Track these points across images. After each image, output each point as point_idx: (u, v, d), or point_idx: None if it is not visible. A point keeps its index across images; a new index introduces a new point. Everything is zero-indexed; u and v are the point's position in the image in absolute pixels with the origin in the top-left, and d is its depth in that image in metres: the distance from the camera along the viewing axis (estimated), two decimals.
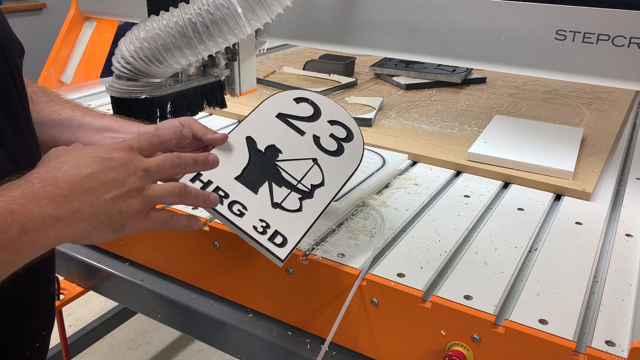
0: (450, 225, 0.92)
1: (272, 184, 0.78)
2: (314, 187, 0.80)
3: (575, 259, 0.83)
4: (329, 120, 0.87)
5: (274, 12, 1.01)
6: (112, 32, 1.74)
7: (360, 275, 0.77)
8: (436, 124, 1.39)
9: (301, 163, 0.81)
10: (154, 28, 0.97)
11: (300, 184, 0.79)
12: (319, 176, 0.81)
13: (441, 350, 0.73)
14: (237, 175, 0.77)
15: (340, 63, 1.82)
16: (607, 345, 0.66)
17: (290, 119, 0.85)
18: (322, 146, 0.84)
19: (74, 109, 0.86)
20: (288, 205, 0.77)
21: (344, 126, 0.87)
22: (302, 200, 0.78)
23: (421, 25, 1.11)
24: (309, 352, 0.83)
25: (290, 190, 0.78)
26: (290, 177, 0.79)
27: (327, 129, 0.86)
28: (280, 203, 0.77)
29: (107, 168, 0.59)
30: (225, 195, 0.75)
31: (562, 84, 1.77)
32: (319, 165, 0.82)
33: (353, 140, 0.86)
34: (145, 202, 0.63)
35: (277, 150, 0.81)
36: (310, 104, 0.88)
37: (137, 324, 2.37)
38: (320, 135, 0.85)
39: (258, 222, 0.74)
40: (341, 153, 0.84)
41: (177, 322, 1.01)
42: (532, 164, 1.09)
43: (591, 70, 0.99)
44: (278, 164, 0.80)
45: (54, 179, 0.56)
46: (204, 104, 1.15)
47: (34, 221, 0.53)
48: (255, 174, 0.78)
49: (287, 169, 0.80)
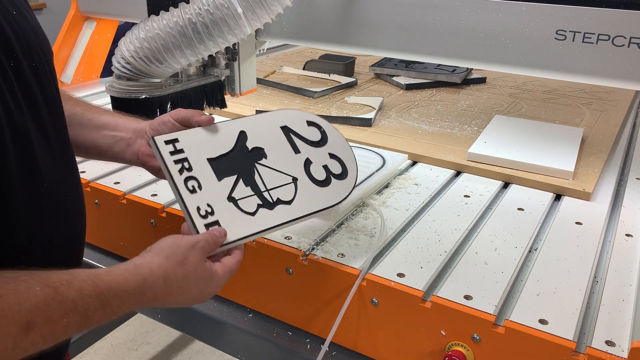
0: (450, 225, 0.92)
1: (239, 179, 0.76)
2: (280, 201, 0.77)
3: (575, 259, 0.83)
4: (330, 152, 0.85)
5: (274, 12, 1.01)
6: (112, 32, 1.74)
7: (360, 275, 0.77)
8: (436, 124, 1.39)
9: (280, 176, 0.79)
10: (154, 28, 0.97)
11: (268, 192, 0.77)
12: (291, 195, 0.78)
13: (441, 350, 0.73)
14: (211, 158, 0.76)
15: (340, 63, 1.82)
16: (607, 345, 0.66)
17: (293, 135, 0.84)
18: (310, 171, 0.82)
19: (76, 105, 0.86)
20: (243, 205, 0.75)
21: (342, 164, 0.84)
22: (260, 207, 0.75)
23: (421, 25, 1.10)
24: (309, 352, 0.83)
25: (254, 193, 0.76)
26: (261, 182, 0.78)
27: (324, 159, 0.84)
28: (237, 200, 0.75)
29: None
30: (189, 168, 0.74)
31: (562, 84, 1.77)
32: (296, 185, 0.79)
33: (345, 180, 0.83)
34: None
35: (264, 154, 0.80)
36: (320, 132, 0.86)
37: (137, 324, 2.37)
38: (314, 161, 0.83)
39: (205, 206, 0.72)
40: (326, 185, 0.81)
41: (177, 322, 1.01)
42: (532, 164, 1.09)
43: (591, 70, 0.99)
44: (257, 165, 0.79)
45: (162, 302, 0.65)
46: (204, 104, 1.15)
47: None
48: (228, 164, 0.77)
49: (263, 174, 0.78)
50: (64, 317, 0.53)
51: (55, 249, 0.69)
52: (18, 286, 0.51)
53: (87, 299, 0.55)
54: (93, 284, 0.56)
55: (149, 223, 0.99)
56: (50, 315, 0.52)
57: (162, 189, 1.04)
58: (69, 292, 0.54)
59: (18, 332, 0.49)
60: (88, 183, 1.06)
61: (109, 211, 1.05)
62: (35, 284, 0.52)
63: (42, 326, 0.51)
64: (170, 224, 0.96)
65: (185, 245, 0.66)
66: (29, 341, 0.50)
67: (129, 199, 1.01)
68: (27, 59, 0.63)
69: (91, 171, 1.11)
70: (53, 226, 0.68)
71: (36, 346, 0.51)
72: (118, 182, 1.06)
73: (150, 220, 0.98)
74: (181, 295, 0.65)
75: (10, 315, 0.49)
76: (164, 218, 0.97)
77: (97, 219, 1.06)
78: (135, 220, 1.01)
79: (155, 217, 0.98)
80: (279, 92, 1.67)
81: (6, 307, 0.49)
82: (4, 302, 0.49)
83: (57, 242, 0.69)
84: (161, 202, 0.99)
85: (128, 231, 1.04)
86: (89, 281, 0.56)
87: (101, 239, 1.09)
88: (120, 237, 1.06)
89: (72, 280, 0.55)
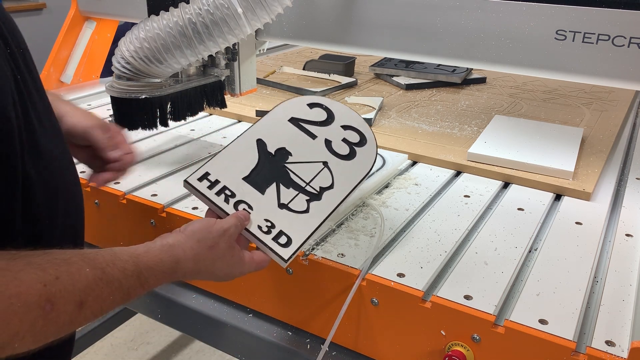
0: (450, 225, 0.92)
1: (279, 185, 0.78)
2: (323, 189, 0.80)
3: (575, 259, 0.83)
4: (342, 125, 0.87)
5: (274, 12, 1.01)
6: (112, 32, 1.74)
7: (360, 275, 0.77)
8: (436, 124, 1.39)
9: (311, 166, 0.81)
10: (154, 28, 0.97)
11: (309, 186, 0.79)
12: (329, 179, 0.81)
13: (441, 350, 0.73)
14: (245, 176, 0.78)
15: (340, 63, 1.81)
16: (607, 345, 0.66)
17: (303, 123, 0.85)
18: (334, 150, 0.84)
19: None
20: (295, 207, 0.77)
21: (357, 131, 0.87)
22: (309, 202, 0.78)
23: (421, 25, 1.10)
24: (309, 352, 0.84)
25: (298, 191, 0.79)
26: (299, 179, 0.80)
27: (340, 133, 0.86)
28: (287, 204, 0.77)
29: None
30: (232, 194, 0.76)
31: (562, 84, 1.77)
32: (329, 168, 0.82)
33: (366, 145, 0.85)
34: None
35: (287, 152, 0.82)
36: (324, 109, 0.88)
37: (137, 324, 2.37)
38: (332, 139, 0.85)
39: (263, 222, 0.75)
40: (353, 157, 0.84)
41: (177, 322, 1.01)
42: (532, 164, 1.09)
43: (591, 70, 0.98)
44: (287, 166, 0.81)
45: (190, 278, 0.71)
46: (204, 104, 1.15)
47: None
48: (263, 175, 0.79)
49: (297, 171, 0.80)
50: (110, 295, 0.59)
51: (67, 229, 0.74)
52: (70, 268, 0.56)
53: (129, 279, 0.62)
54: (134, 264, 0.63)
55: (149, 223, 0.99)
56: (99, 294, 0.57)
57: (162, 189, 1.04)
58: (114, 272, 0.60)
59: (73, 310, 0.55)
60: (88, 183, 1.06)
61: (109, 211, 1.05)
62: (85, 266, 0.57)
63: (93, 303, 0.57)
64: (170, 224, 0.96)
65: (217, 230, 0.71)
66: (82, 317, 0.56)
67: (129, 199, 1.01)
68: (16, 45, 0.66)
69: (91, 171, 1.11)
70: (64, 207, 0.72)
71: (87, 320, 0.57)
72: (118, 182, 1.06)
73: (150, 220, 0.98)
74: (207, 275, 0.72)
75: (67, 296, 0.54)
76: (164, 218, 0.97)
77: (97, 219, 1.06)
78: (135, 220, 1.01)
79: (155, 217, 0.98)
80: (279, 92, 1.67)
81: (63, 289, 0.54)
82: (61, 283, 0.54)
83: (68, 222, 0.74)
84: (161, 202, 0.99)
85: (128, 231, 1.04)
86: (131, 262, 0.63)
87: (101, 239, 1.09)
88: (120, 237, 1.06)
89: (116, 260, 0.61)
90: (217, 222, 0.72)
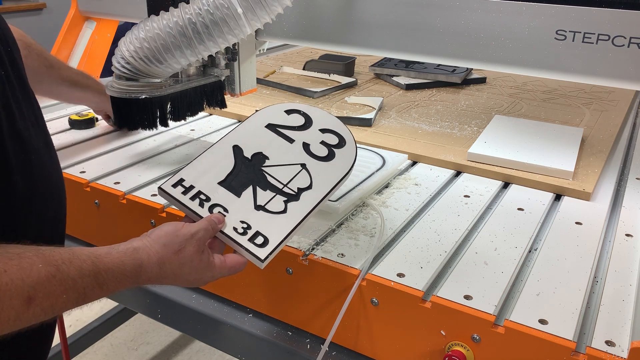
0: (450, 225, 0.92)
1: (256, 187, 0.79)
2: (301, 190, 0.80)
3: (575, 259, 0.83)
4: (320, 128, 0.87)
5: (274, 12, 1.01)
6: (112, 32, 1.74)
7: (360, 275, 0.77)
8: (436, 124, 1.39)
9: (289, 168, 0.81)
10: (154, 28, 0.97)
11: (287, 187, 0.79)
12: (307, 180, 0.81)
13: (441, 350, 0.73)
14: (221, 180, 0.79)
15: (340, 63, 1.81)
16: (607, 345, 0.66)
17: (280, 128, 0.86)
18: (312, 152, 0.84)
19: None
20: (272, 207, 0.77)
21: (335, 134, 0.87)
22: (287, 202, 0.78)
23: (421, 25, 1.10)
24: (309, 352, 0.83)
25: (276, 193, 0.79)
26: (276, 181, 0.80)
27: (318, 136, 0.86)
28: (264, 205, 0.77)
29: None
30: (207, 198, 0.76)
31: (562, 84, 1.77)
32: (307, 169, 0.82)
33: (345, 146, 0.86)
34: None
35: (264, 157, 0.82)
36: (301, 115, 0.89)
37: (137, 324, 2.37)
38: (310, 142, 0.85)
39: (239, 224, 0.75)
40: (332, 158, 0.84)
41: (177, 322, 1.01)
42: (532, 164, 1.09)
43: (591, 70, 0.98)
44: (264, 169, 0.81)
45: (156, 283, 0.69)
46: (204, 104, 1.15)
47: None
48: (239, 179, 0.79)
49: (274, 174, 0.80)
50: (63, 294, 0.57)
51: (46, 219, 0.73)
52: (22, 262, 0.55)
53: (86, 279, 0.59)
54: (93, 264, 0.61)
55: (149, 223, 0.99)
56: (51, 291, 0.56)
57: None
58: (70, 270, 0.58)
59: (20, 305, 0.53)
60: (88, 183, 1.06)
61: (109, 211, 1.05)
62: (39, 261, 0.56)
63: (43, 300, 0.55)
64: None
65: (183, 235, 0.69)
66: (30, 314, 0.55)
67: (129, 199, 1.01)
68: (3, 44, 0.67)
69: (91, 171, 1.11)
70: (43, 196, 0.72)
71: (37, 318, 0.56)
72: (118, 182, 1.06)
73: (150, 220, 0.98)
74: (175, 280, 0.70)
75: (14, 290, 0.53)
76: (164, 218, 0.97)
77: (97, 219, 1.06)
78: (135, 220, 1.01)
79: (155, 217, 0.98)
80: (279, 92, 1.67)
81: (9, 282, 0.53)
82: (8, 277, 0.53)
83: (48, 212, 0.73)
84: (161, 202, 0.99)
85: (128, 231, 1.04)
86: (89, 261, 0.60)
87: (101, 239, 1.09)
88: (120, 237, 1.06)
89: (74, 259, 0.59)
90: (185, 226, 0.70)
